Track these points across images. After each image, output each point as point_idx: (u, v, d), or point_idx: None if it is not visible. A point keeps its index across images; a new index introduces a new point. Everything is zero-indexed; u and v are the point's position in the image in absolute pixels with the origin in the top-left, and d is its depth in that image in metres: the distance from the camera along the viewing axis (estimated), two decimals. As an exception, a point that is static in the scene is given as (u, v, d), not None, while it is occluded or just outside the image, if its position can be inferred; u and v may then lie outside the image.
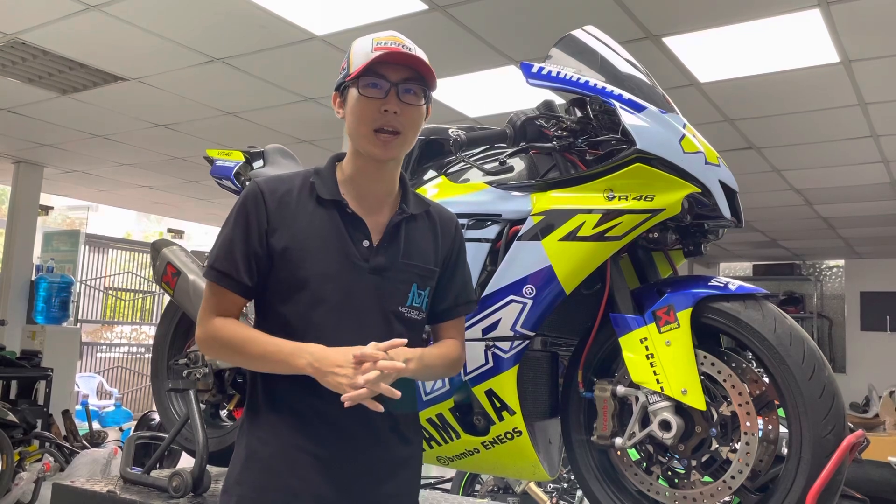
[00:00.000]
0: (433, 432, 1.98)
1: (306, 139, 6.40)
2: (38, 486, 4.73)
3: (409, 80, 1.47)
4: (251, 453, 1.46)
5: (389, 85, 1.45)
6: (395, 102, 1.45)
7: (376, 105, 1.45)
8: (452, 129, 1.99)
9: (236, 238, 1.47)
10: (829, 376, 1.62)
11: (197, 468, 2.24)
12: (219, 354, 1.54)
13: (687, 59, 4.37)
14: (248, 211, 1.48)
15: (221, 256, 1.48)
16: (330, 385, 1.36)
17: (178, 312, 2.71)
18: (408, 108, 1.47)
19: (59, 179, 8.69)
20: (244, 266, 1.46)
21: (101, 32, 4.38)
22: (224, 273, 1.47)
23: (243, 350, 1.44)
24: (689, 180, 1.71)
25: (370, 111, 1.45)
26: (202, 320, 1.50)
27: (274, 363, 1.42)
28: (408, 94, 1.47)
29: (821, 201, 7.96)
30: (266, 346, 1.42)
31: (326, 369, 1.36)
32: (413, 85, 1.47)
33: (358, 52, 1.48)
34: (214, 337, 1.48)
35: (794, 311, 11.96)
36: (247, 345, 1.44)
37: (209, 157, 2.71)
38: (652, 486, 1.79)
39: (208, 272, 1.50)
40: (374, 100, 1.45)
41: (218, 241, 1.52)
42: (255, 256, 1.47)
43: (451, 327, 1.63)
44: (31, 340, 7.37)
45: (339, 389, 1.35)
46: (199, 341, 1.52)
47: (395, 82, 1.45)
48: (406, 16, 3.95)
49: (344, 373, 1.35)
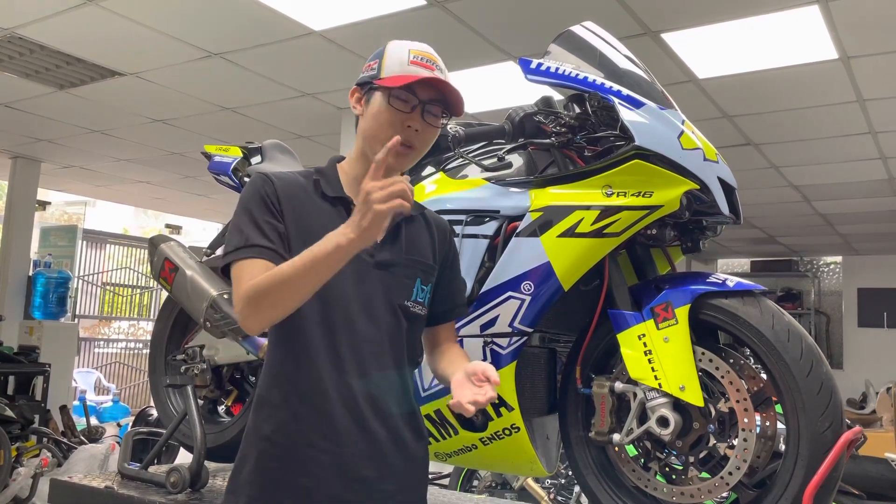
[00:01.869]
0: (431, 428, 1.98)
1: (304, 135, 6.39)
2: (35, 482, 4.73)
3: (436, 101, 1.48)
4: (260, 453, 1.44)
5: (418, 102, 1.46)
6: (418, 120, 1.46)
7: (400, 118, 1.46)
8: (451, 124, 1.98)
9: (260, 217, 1.42)
10: (826, 373, 1.62)
11: (195, 464, 2.24)
12: (267, 307, 1.37)
13: (685, 55, 4.36)
14: (262, 194, 1.45)
15: (255, 234, 1.41)
16: (369, 237, 1.27)
17: (176, 308, 2.71)
18: (428, 127, 1.48)
19: (56, 175, 8.68)
20: (277, 239, 1.42)
21: (98, 27, 4.37)
22: (263, 247, 1.39)
23: (281, 279, 1.32)
24: (688, 177, 1.71)
25: (394, 122, 1.45)
26: (240, 298, 1.38)
27: (311, 268, 1.31)
28: (431, 115, 1.48)
29: (819, 198, 7.97)
30: (295, 261, 1.32)
31: (356, 233, 1.27)
32: (438, 106, 1.49)
33: (392, 59, 1.48)
34: (255, 292, 1.34)
35: (791, 307, 11.98)
36: (282, 272, 1.33)
37: (207, 153, 2.70)
38: (650, 483, 1.79)
39: (249, 251, 1.39)
40: (400, 112, 1.46)
41: (239, 224, 1.44)
42: (283, 234, 1.43)
43: (448, 329, 1.65)
44: (29, 336, 7.36)
45: (379, 222, 1.26)
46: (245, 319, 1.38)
47: (424, 101, 1.46)
48: (405, 11, 3.94)
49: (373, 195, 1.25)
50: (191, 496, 2.20)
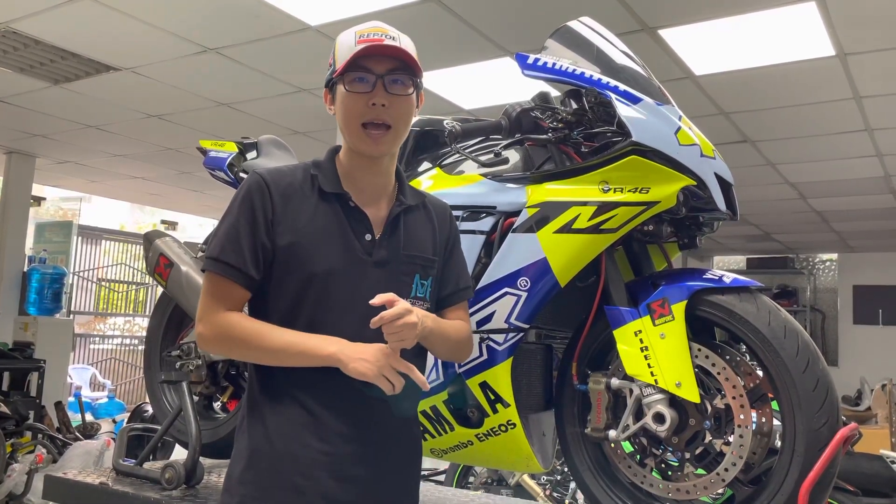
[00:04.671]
0: (427, 425, 1.98)
1: (300, 130, 6.37)
2: (30, 478, 4.71)
3: (395, 70, 1.44)
4: (254, 452, 1.44)
5: (375, 77, 1.43)
6: (382, 95, 1.43)
7: (364, 99, 1.43)
8: (447, 120, 1.98)
9: (242, 229, 1.42)
10: (822, 369, 1.62)
11: (190, 460, 2.23)
12: (228, 350, 1.47)
13: (682, 51, 4.36)
14: (253, 201, 1.44)
15: (227, 248, 1.42)
16: (356, 370, 1.34)
17: (171, 304, 2.70)
18: (396, 99, 1.45)
19: (51, 170, 8.65)
20: (251, 258, 1.42)
21: (93, 22, 4.34)
22: (231, 265, 1.41)
23: (260, 343, 1.38)
24: (685, 173, 1.71)
25: (358, 106, 1.44)
26: (206, 315, 1.42)
27: (296, 353, 1.37)
28: (395, 84, 1.45)
29: (815, 195, 7.98)
30: (286, 337, 1.38)
31: (356, 356, 1.35)
32: (400, 75, 1.45)
33: (343, 47, 1.46)
34: (227, 333, 1.40)
35: (787, 304, 11.99)
36: (264, 338, 1.38)
37: (202, 148, 2.69)
38: (646, 479, 1.79)
39: (212, 264, 1.43)
40: (361, 94, 1.43)
41: (220, 231, 1.45)
42: (262, 248, 1.42)
43: (458, 309, 1.64)
44: (24, 332, 7.34)
45: (364, 374, 1.34)
46: (202, 338, 1.44)
47: (381, 74, 1.43)
48: (400, 6, 3.93)
49: (373, 360, 1.34)
50: (186, 492, 2.20)
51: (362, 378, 1.35)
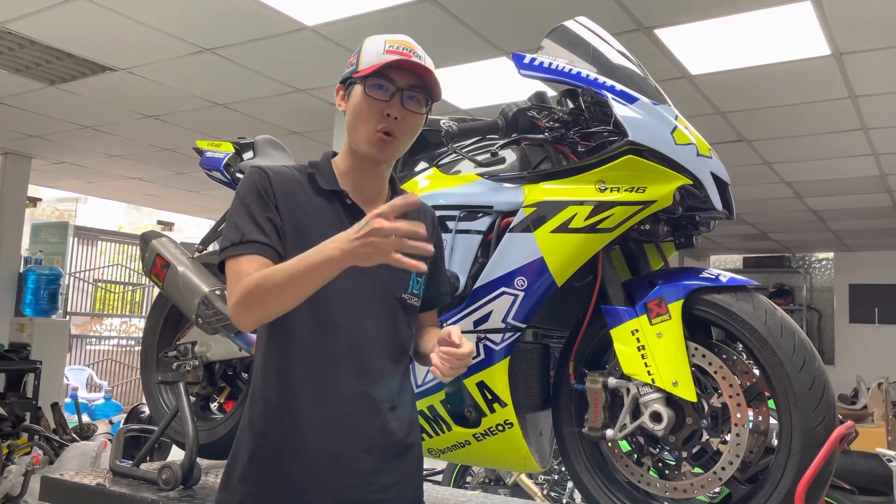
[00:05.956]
0: (424, 424, 1.97)
1: (297, 130, 6.37)
2: (27, 479, 4.70)
3: (415, 87, 1.47)
4: (254, 449, 1.44)
5: (395, 89, 1.45)
6: (398, 108, 1.45)
7: (379, 107, 1.45)
8: (444, 120, 1.98)
9: (256, 211, 1.42)
10: (819, 368, 1.63)
11: (187, 461, 2.23)
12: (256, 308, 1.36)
13: (678, 51, 4.37)
14: (259, 189, 1.44)
15: (248, 230, 1.40)
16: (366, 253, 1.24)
17: (168, 304, 2.69)
18: (409, 114, 1.47)
19: (47, 171, 8.62)
20: (273, 233, 1.41)
21: (89, 22, 4.34)
22: (258, 242, 1.39)
23: (273, 280, 1.31)
24: (681, 172, 1.71)
25: (373, 112, 1.45)
26: (234, 291, 1.37)
27: (306, 271, 1.29)
28: (411, 100, 1.47)
29: (811, 194, 8.00)
30: (288, 265, 1.32)
31: (357, 237, 1.24)
32: (418, 93, 1.47)
33: (369, 51, 1.48)
34: (247, 291, 1.34)
35: (783, 303, 12.01)
36: (274, 274, 1.32)
37: (198, 148, 2.68)
38: (643, 478, 1.80)
39: (245, 247, 1.39)
40: (378, 101, 1.44)
41: (234, 220, 1.43)
42: (280, 229, 1.42)
43: (433, 315, 1.69)
44: (20, 333, 7.33)
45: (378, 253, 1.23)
46: (235, 313, 1.38)
47: (402, 87, 1.45)
48: (397, 6, 3.93)
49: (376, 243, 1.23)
50: (183, 493, 2.19)
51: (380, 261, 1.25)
